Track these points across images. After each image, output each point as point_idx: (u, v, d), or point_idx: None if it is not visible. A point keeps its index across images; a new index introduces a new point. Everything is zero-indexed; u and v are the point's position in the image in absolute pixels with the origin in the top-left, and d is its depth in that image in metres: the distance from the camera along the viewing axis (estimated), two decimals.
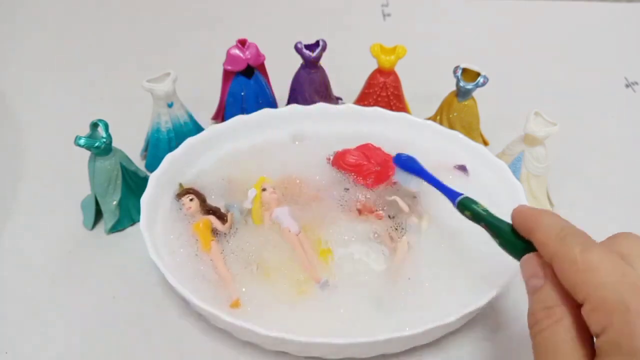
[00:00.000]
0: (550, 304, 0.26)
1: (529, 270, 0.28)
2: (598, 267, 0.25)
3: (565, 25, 0.76)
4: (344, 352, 0.35)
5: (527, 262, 0.29)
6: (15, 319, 0.40)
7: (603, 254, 0.25)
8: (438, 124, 0.49)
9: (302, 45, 0.51)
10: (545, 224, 0.28)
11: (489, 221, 0.33)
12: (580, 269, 0.25)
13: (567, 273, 0.26)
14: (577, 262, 0.25)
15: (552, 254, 0.27)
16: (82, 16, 0.76)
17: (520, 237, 0.31)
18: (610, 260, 0.25)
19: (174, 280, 0.36)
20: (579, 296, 0.25)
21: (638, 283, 0.24)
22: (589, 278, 0.25)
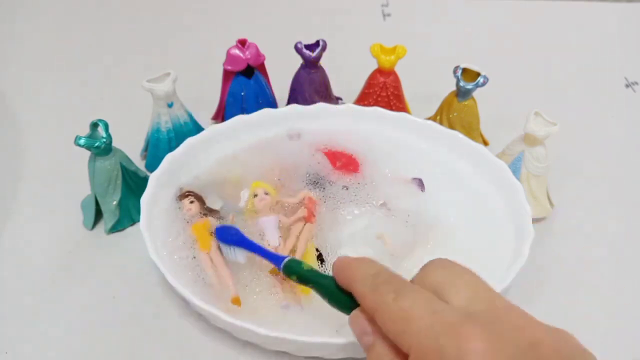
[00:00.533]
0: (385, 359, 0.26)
1: (358, 328, 0.27)
2: (411, 314, 0.24)
3: (565, 25, 0.76)
4: (344, 352, 0.35)
5: (354, 320, 0.28)
6: (15, 319, 0.40)
7: (415, 296, 0.25)
8: (438, 124, 0.49)
9: (302, 45, 0.51)
10: (361, 273, 0.28)
11: (314, 280, 0.32)
12: (396, 319, 0.25)
13: (386, 325, 0.25)
14: (392, 311, 0.25)
15: (370, 308, 0.26)
16: (82, 16, 0.76)
17: (347, 293, 0.29)
18: (422, 301, 0.25)
19: (174, 280, 0.36)
20: (404, 347, 0.24)
21: (450, 319, 0.24)
22: (405, 327, 0.24)
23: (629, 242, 0.47)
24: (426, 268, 0.28)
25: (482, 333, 0.23)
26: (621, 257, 0.46)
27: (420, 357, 0.23)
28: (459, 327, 0.23)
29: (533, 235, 0.40)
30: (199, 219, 0.42)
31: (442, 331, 0.23)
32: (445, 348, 0.23)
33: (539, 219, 0.47)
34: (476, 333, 0.23)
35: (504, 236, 0.42)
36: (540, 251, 0.44)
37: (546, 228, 0.47)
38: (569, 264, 0.45)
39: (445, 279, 0.26)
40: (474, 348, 0.22)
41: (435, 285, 0.26)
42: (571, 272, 0.44)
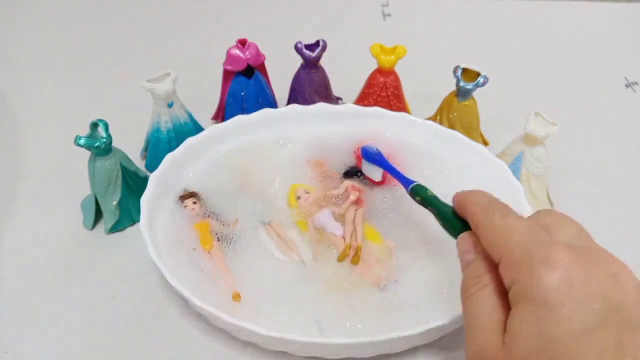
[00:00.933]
0: (478, 274, 0.28)
1: (463, 246, 0.30)
2: (512, 229, 0.27)
3: (565, 25, 0.76)
4: (344, 352, 0.35)
5: (462, 240, 0.31)
6: (15, 319, 0.40)
7: (518, 219, 0.28)
8: (438, 124, 0.49)
9: (302, 45, 0.51)
10: (476, 199, 0.31)
11: (435, 204, 0.36)
12: (497, 232, 0.27)
13: (487, 237, 0.28)
14: (495, 226, 0.28)
15: (477, 223, 0.29)
16: (82, 16, 0.76)
17: (460, 219, 0.32)
18: (524, 223, 0.27)
19: (174, 280, 0.36)
20: (496, 256, 0.27)
21: (544, 238, 0.26)
22: (503, 239, 0.27)
23: (629, 242, 0.47)
24: (536, 214, 0.30)
25: (571, 251, 0.25)
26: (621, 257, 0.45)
27: (510, 263, 0.26)
28: (552, 244, 0.25)
29: None
30: (202, 219, 0.43)
31: (536, 243, 0.25)
32: (535, 254, 0.25)
33: None
34: (566, 250, 0.25)
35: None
36: None
37: None
38: None
39: (553, 222, 0.28)
40: (562, 259, 0.24)
41: (544, 223, 0.28)
42: None
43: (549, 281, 0.23)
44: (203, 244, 0.41)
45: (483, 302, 0.27)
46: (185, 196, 0.44)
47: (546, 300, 0.23)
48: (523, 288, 0.24)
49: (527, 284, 0.24)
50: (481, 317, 0.26)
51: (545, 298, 0.23)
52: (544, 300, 0.23)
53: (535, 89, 0.64)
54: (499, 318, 0.26)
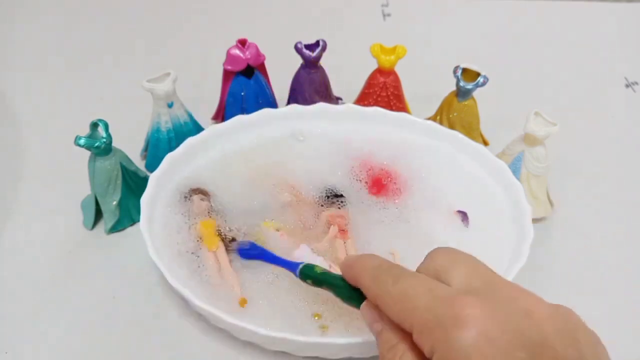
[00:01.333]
0: (393, 343, 0.27)
1: (368, 317, 0.29)
2: (409, 293, 0.26)
3: (565, 25, 0.76)
4: (344, 352, 0.35)
5: (365, 310, 0.29)
6: (15, 319, 0.40)
7: (412, 279, 0.26)
8: (438, 124, 0.49)
9: (302, 45, 0.51)
10: (364, 267, 0.29)
11: (328, 282, 0.33)
12: (396, 300, 0.26)
13: (389, 309, 0.27)
14: (392, 294, 0.26)
15: (373, 296, 0.28)
16: (82, 16, 0.76)
17: (357, 290, 0.30)
18: (419, 282, 0.26)
19: (174, 280, 0.36)
20: (406, 326, 0.26)
21: (446, 293, 0.25)
22: (405, 306, 0.26)
23: (629, 242, 0.47)
24: (429, 255, 0.29)
25: (477, 301, 0.24)
26: (621, 257, 0.46)
27: (421, 331, 0.25)
28: (454, 299, 0.24)
29: (533, 235, 0.40)
30: (207, 217, 0.42)
31: (439, 304, 0.24)
32: (443, 317, 0.24)
33: (539, 219, 0.47)
34: (472, 301, 0.24)
35: (504, 236, 0.42)
36: (540, 251, 0.44)
37: (546, 228, 0.47)
38: (569, 264, 0.45)
39: (446, 263, 0.27)
40: (470, 313, 0.23)
41: (437, 269, 0.27)
42: (571, 272, 0.44)
43: (466, 341, 0.22)
44: (208, 244, 0.41)
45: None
46: (194, 190, 0.44)
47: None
48: (445, 355, 0.23)
49: (447, 350, 0.23)
50: None
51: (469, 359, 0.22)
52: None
53: (535, 89, 0.64)
54: None
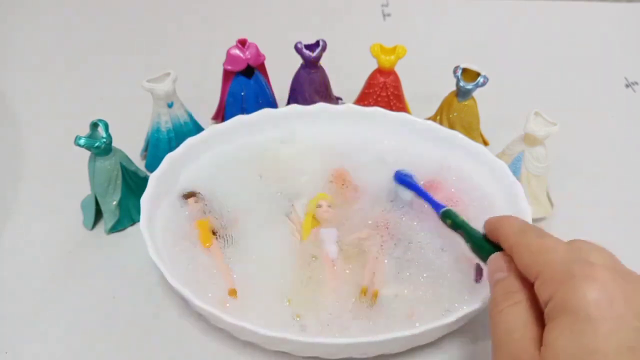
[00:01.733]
0: (511, 290, 0.28)
1: (494, 266, 0.31)
2: (549, 249, 0.27)
3: (566, 25, 0.76)
4: (344, 352, 0.35)
5: (493, 259, 0.31)
6: (15, 319, 0.40)
7: (556, 240, 0.28)
8: (438, 124, 0.49)
9: (302, 45, 0.51)
10: (509, 222, 0.32)
11: (465, 228, 0.37)
12: (534, 251, 0.28)
13: (524, 256, 0.28)
14: (532, 245, 0.28)
15: (512, 244, 0.30)
16: (82, 16, 0.76)
17: (490, 243, 0.33)
18: (561, 244, 0.28)
19: (174, 280, 0.36)
20: (532, 274, 0.27)
21: (585, 258, 0.26)
22: (541, 257, 0.27)
23: (629, 242, 0.47)
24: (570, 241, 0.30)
25: (611, 272, 0.25)
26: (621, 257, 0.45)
27: (548, 279, 0.26)
28: (592, 264, 0.26)
29: None
30: (202, 216, 0.43)
31: (577, 261, 0.26)
32: (575, 271, 0.25)
33: (539, 219, 0.47)
34: (604, 269, 0.25)
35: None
36: None
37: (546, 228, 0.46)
38: None
39: (586, 247, 0.28)
40: (601, 276, 0.25)
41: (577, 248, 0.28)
42: None
43: (590, 296, 0.24)
44: (202, 241, 0.41)
45: (516, 317, 0.27)
46: (187, 195, 0.44)
47: (587, 314, 0.23)
48: (563, 302, 0.25)
49: (568, 298, 0.24)
50: (514, 332, 0.26)
51: (586, 312, 0.24)
52: (585, 314, 0.24)
53: (535, 89, 0.64)
54: (532, 335, 0.26)
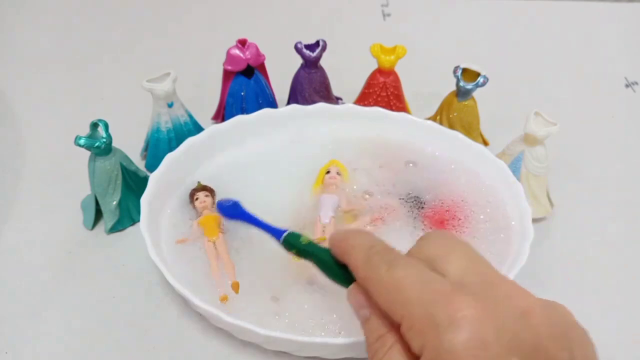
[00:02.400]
0: (381, 333, 0.26)
1: (355, 302, 0.28)
2: (403, 284, 0.24)
3: (565, 25, 0.76)
4: (344, 352, 0.35)
5: (351, 293, 0.28)
6: (15, 319, 0.40)
7: (407, 267, 0.25)
8: (438, 124, 0.49)
9: (302, 45, 0.51)
10: (355, 245, 0.28)
11: (313, 253, 0.31)
12: (388, 289, 0.25)
13: (379, 296, 0.25)
14: (385, 282, 0.25)
15: (363, 279, 0.26)
16: (82, 16, 0.76)
17: (344, 267, 0.29)
18: (415, 271, 0.25)
19: (174, 280, 0.36)
20: (396, 318, 0.24)
21: (441, 288, 0.24)
22: (397, 297, 0.24)
23: (629, 242, 0.47)
24: (423, 240, 0.28)
25: (472, 301, 0.23)
26: (621, 257, 0.46)
27: (411, 326, 0.23)
28: (449, 296, 0.23)
29: (533, 235, 0.40)
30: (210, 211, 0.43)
31: (433, 300, 0.23)
32: (436, 316, 0.22)
33: (539, 219, 0.47)
34: (467, 301, 0.23)
35: (504, 236, 0.42)
36: (540, 251, 0.44)
37: (546, 228, 0.47)
38: (569, 264, 0.45)
39: (441, 251, 0.26)
40: (465, 315, 0.22)
41: (431, 256, 0.26)
42: (571, 272, 0.44)
43: (459, 345, 0.21)
44: (209, 235, 0.41)
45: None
46: (198, 189, 0.44)
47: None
48: (436, 354, 0.22)
49: (438, 352, 0.22)
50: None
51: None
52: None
53: (535, 89, 0.64)
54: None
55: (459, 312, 0.22)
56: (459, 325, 0.22)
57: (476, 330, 0.22)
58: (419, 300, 0.23)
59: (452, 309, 0.22)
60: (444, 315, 0.22)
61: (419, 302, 0.23)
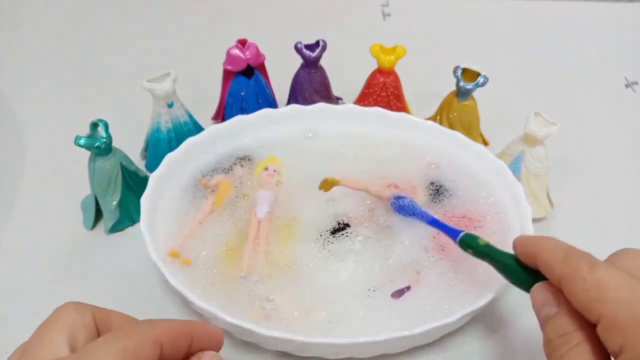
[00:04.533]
0: (567, 330, 0.26)
1: (540, 299, 0.28)
2: (608, 284, 0.25)
3: (565, 25, 0.76)
4: (344, 352, 0.35)
5: (538, 291, 0.28)
6: (15, 319, 0.40)
7: (610, 270, 0.25)
8: (438, 124, 0.49)
9: (302, 45, 0.51)
10: (548, 247, 0.28)
11: (491, 256, 0.33)
12: (590, 287, 0.25)
13: (577, 293, 0.26)
14: (586, 280, 0.25)
15: (560, 276, 0.27)
16: (82, 16, 0.76)
17: (525, 268, 0.30)
18: (619, 276, 0.25)
19: (174, 280, 0.36)
20: (592, 315, 0.25)
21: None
22: (600, 296, 0.25)
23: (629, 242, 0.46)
24: (619, 253, 0.28)
25: None
26: None
27: (612, 324, 0.24)
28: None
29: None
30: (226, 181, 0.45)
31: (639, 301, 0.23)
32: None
33: (539, 219, 0.47)
34: None
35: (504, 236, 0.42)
36: None
37: (546, 228, 0.47)
38: None
39: (635, 264, 0.26)
40: None
41: (631, 269, 0.26)
42: None
43: None
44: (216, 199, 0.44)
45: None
46: (242, 158, 0.47)
47: None
48: (636, 356, 0.23)
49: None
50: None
51: None
52: None
53: (535, 89, 0.64)
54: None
55: None
56: None
57: None
58: (624, 299, 0.24)
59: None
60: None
61: (624, 302, 0.24)
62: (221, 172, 0.46)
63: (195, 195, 0.44)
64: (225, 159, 0.47)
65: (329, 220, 0.43)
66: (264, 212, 0.43)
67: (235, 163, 0.47)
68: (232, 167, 0.46)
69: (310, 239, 0.42)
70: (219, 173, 0.46)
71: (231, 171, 0.46)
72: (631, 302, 0.24)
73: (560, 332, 0.26)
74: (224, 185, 0.45)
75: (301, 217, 0.43)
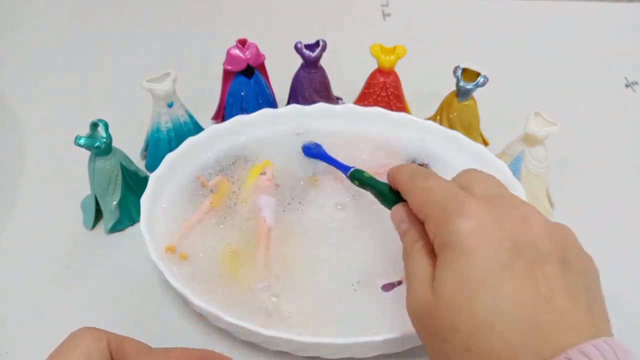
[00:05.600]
0: (415, 239, 0.30)
1: (397, 217, 0.33)
2: (432, 190, 0.30)
3: (566, 25, 0.76)
4: (344, 352, 0.35)
5: (395, 211, 0.33)
6: (15, 319, 0.40)
7: (439, 180, 0.30)
8: (438, 124, 0.49)
9: (302, 45, 0.51)
10: (402, 170, 0.34)
11: (371, 184, 0.38)
12: (420, 193, 0.30)
13: (413, 199, 0.31)
14: (418, 188, 0.31)
15: (404, 190, 0.32)
16: (82, 16, 0.76)
17: (396, 193, 0.35)
18: (444, 184, 0.30)
19: (174, 280, 0.36)
20: (422, 216, 0.29)
21: (460, 194, 0.28)
22: (426, 199, 0.29)
23: (629, 242, 0.47)
24: (462, 172, 0.32)
25: (483, 202, 0.27)
26: (621, 257, 0.46)
27: (431, 219, 0.28)
28: (465, 199, 0.28)
29: None
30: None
31: (452, 199, 0.28)
32: (450, 209, 0.27)
33: None
34: (477, 201, 0.27)
35: None
36: None
37: None
38: None
39: (473, 178, 0.30)
40: (473, 209, 0.27)
41: (464, 182, 0.30)
42: None
43: (464, 229, 0.26)
44: (214, 200, 0.44)
45: (418, 261, 0.29)
46: None
47: (462, 246, 0.26)
48: (443, 239, 0.27)
49: (446, 235, 0.27)
50: (417, 275, 0.28)
51: (461, 244, 0.26)
52: (461, 246, 0.26)
53: (535, 89, 0.64)
54: (429, 271, 0.28)
55: (468, 207, 0.27)
56: (464, 215, 0.26)
57: (480, 220, 0.26)
58: (440, 199, 0.28)
59: (464, 204, 0.27)
60: (454, 209, 0.27)
61: (440, 200, 0.28)
62: (221, 172, 0.46)
63: (195, 195, 0.44)
64: (225, 159, 0.47)
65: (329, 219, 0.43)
66: (273, 219, 0.43)
67: (235, 163, 0.47)
68: (231, 167, 0.46)
69: (310, 238, 0.42)
70: (218, 173, 0.46)
71: (231, 171, 0.46)
72: (446, 201, 0.28)
73: (412, 241, 0.30)
74: (224, 186, 0.45)
75: (302, 217, 0.43)
